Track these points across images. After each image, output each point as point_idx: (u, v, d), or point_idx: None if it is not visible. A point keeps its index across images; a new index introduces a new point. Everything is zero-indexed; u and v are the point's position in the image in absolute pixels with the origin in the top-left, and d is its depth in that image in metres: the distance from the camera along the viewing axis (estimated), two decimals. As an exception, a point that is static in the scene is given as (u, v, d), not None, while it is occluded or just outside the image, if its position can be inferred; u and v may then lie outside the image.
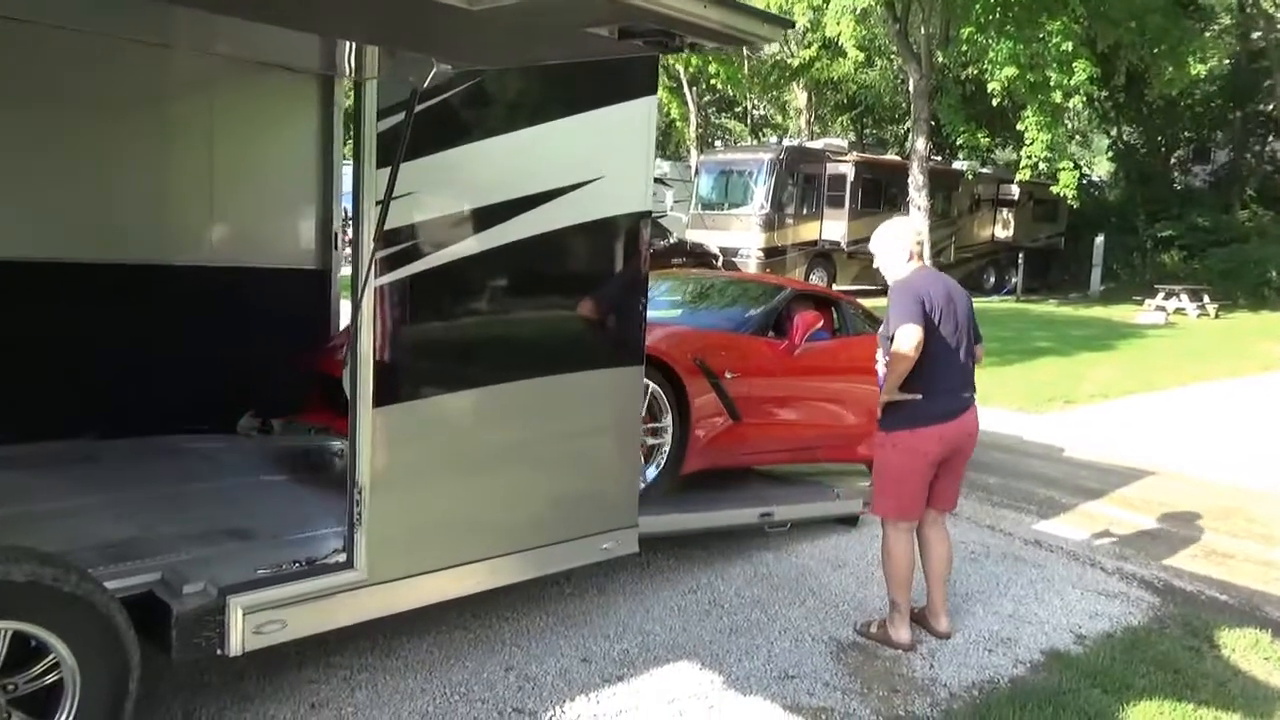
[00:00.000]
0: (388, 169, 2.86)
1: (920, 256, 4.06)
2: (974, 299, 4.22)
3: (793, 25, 14.67)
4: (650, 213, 3.93)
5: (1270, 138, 30.01)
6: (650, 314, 4.94)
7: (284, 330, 4.94)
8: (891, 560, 3.96)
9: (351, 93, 3.81)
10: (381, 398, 3.04)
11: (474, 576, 3.44)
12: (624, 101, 3.66)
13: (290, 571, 3.07)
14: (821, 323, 5.43)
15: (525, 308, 3.63)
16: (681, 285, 6.45)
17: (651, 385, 4.35)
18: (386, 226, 2.89)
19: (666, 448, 4.55)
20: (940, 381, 3.85)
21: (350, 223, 3.72)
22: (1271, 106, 28.81)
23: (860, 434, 5.51)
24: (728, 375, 4.78)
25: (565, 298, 3.77)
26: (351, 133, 3.21)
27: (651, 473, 4.50)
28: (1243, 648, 4.10)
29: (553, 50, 2.86)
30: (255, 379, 4.89)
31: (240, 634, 2.83)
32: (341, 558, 3.16)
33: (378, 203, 2.88)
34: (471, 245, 3.25)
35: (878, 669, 3.73)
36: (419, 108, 2.83)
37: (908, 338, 3.71)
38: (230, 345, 4.79)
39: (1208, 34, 23.43)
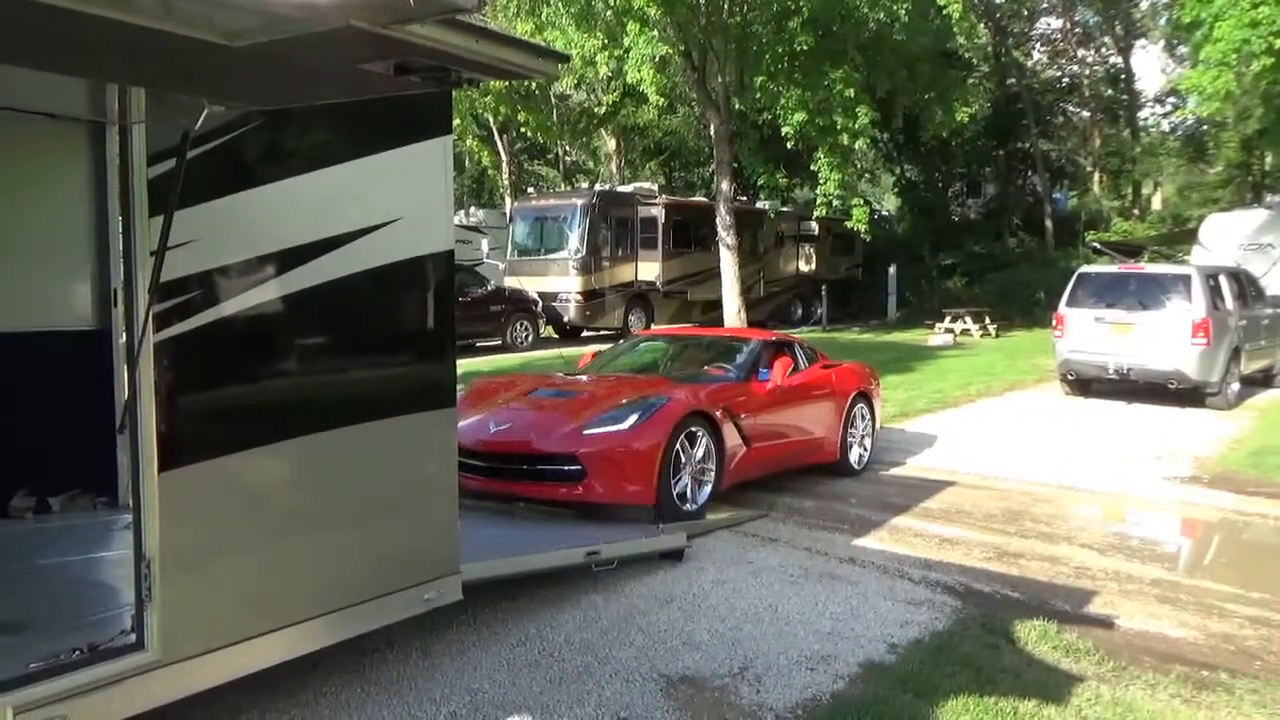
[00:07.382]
0: (161, 217, 2.70)
1: None
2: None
3: (567, 60, 14.73)
4: (453, 252, 3.87)
5: (1029, 172, 33.40)
6: (666, 371, 7.68)
7: (59, 397, 4.55)
8: None
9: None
10: (167, 461, 2.83)
11: (282, 644, 3.24)
12: (417, 142, 3.60)
13: (69, 660, 2.79)
14: (793, 364, 7.47)
15: (323, 356, 3.47)
16: (683, 344, 8.64)
17: (703, 430, 6.19)
18: (162, 278, 2.71)
19: (712, 474, 6.31)
20: None
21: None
22: (1028, 144, 32.17)
23: (823, 441, 7.59)
24: (743, 416, 6.59)
25: (367, 343, 3.65)
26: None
27: (704, 494, 6.27)
28: (1034, 639, 4.42)
29: (328, 89, 2.78)
30: (29, 453, 4.47)
31: (11, 738, 2.55)
32: (131, 639, 2.91)
33: (151, 253, 2.70)
34: (261, 294, 3.09)
35: (707, 700, 3.76)
36: (194, 152, 2.69)
37: None
38: (-4, 418, 4.36)
39: (970, 81, 25.77)
